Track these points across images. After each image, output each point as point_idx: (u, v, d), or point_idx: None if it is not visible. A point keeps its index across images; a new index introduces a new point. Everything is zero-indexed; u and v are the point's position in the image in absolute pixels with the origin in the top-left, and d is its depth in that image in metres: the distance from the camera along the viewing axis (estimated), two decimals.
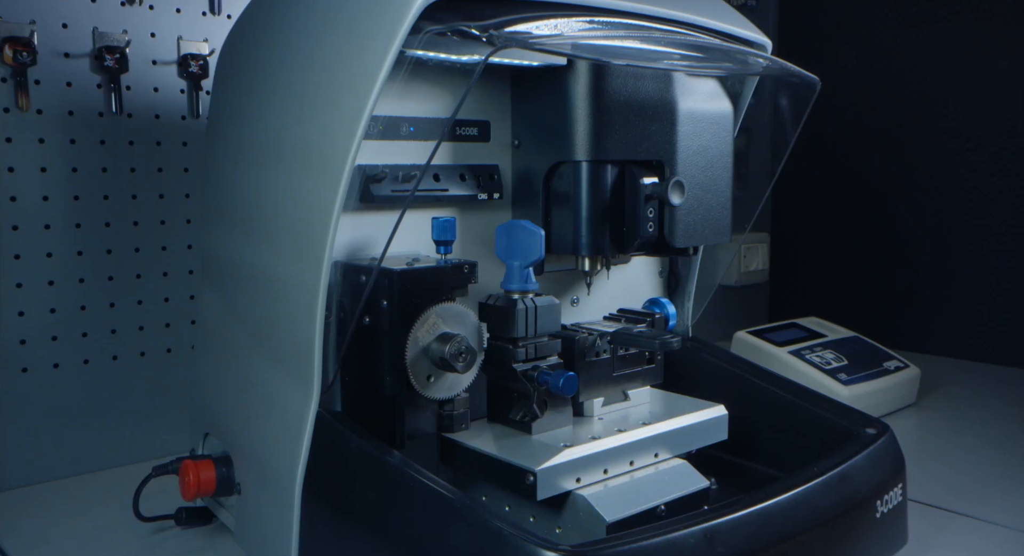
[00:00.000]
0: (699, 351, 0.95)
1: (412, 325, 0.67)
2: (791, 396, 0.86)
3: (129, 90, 1.01)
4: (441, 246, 0.72)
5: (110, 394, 1.02)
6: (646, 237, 0.77)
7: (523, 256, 0.72)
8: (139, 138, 1.02)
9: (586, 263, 0.80)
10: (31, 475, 0.97)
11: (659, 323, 0.80)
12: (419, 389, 0.68)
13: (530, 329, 0.72)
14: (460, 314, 0.70)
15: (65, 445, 0.99)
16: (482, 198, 0.79)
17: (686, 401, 0.78)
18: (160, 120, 1.04)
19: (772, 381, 0.88)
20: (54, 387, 0.98)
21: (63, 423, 0.99)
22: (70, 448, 0.99)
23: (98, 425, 1.01)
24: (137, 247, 1.03)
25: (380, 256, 0.62)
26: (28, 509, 0.86)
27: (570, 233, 0.78)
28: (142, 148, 1.03)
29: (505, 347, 0.72)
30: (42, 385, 0.97)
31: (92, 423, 1.01)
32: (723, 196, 0.83)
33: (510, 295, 0.73)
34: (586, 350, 0.76)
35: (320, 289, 0.65)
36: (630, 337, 0.75)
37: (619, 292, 0.92)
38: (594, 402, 0.73)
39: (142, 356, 1.04)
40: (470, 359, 0.68)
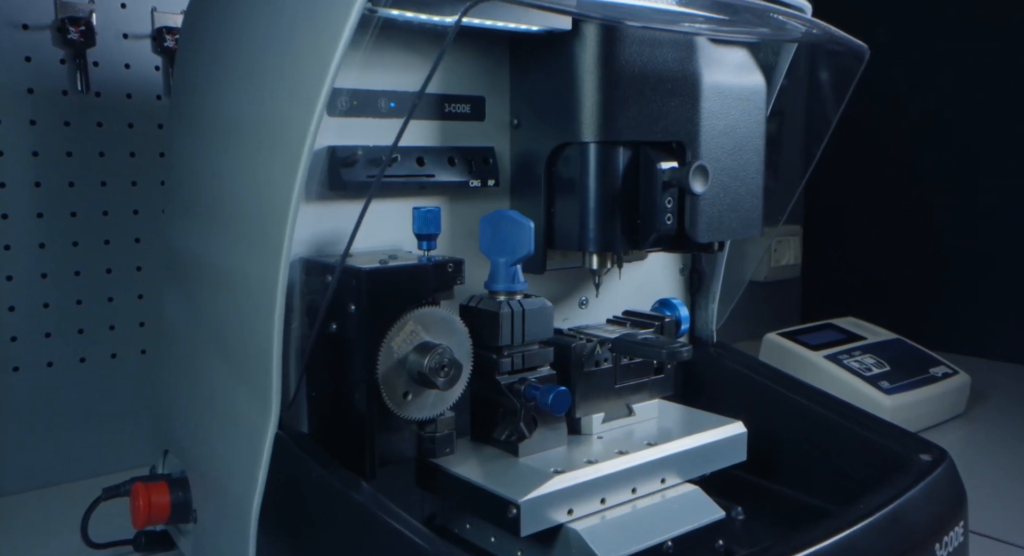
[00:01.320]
0: (723, 358, 0.84)
1: (385, 333, 0.57)
2: (830, 412, 0.76)
3: (97, 66, 0.92)
4: (423, 241, 0.62)
5: (77, 400, 0.93)
6: (664, 231, 0.67)
7: (510, 252, 0.62)
8: (109, 119, 0.93)
9: (594, 260, 0.70)
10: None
11: (669, 328, 0.70)
12: (394, 408, 0.58)
13: (517, 336, 0.62)
14: (444, 321, 0.60)
15: (25, 455, 0.90)
16: (474, 185, 0.68)
17: (700, 416, 0.70)
18: (132, 100, 0.95)
19: (807, 394, 0.78)
20: (14, 392, 0.89)
21: (23, 430, 0.90)
22: (30, 458, 0.91)
23: (63, 434, 0.93)
24: (107, 239, 0.94)
25: (344, 252, 0.52)
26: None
27: (576, 226, 0.67)
28: (112, 130, 0.94)
29: (488, 356, 0.62)
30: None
31: (56, 431, 0.92)
32: (753, 183, 0.72)
33: (495, 297, 0.63)
34: (583, 359, 0.65)
35: (278, 289, 0.56)
36: (633, 345, 0.65)
37: (633, 292, 0.81)
38: (592, 418, 0.66)
39: (113, 358, 0.95)
40: (454, 374, 0.58)
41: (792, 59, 0.77)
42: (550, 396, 0.60)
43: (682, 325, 0.77)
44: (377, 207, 0.65)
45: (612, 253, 0.70)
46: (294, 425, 0.62)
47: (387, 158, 0.56)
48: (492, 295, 0.64)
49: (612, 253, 0.70)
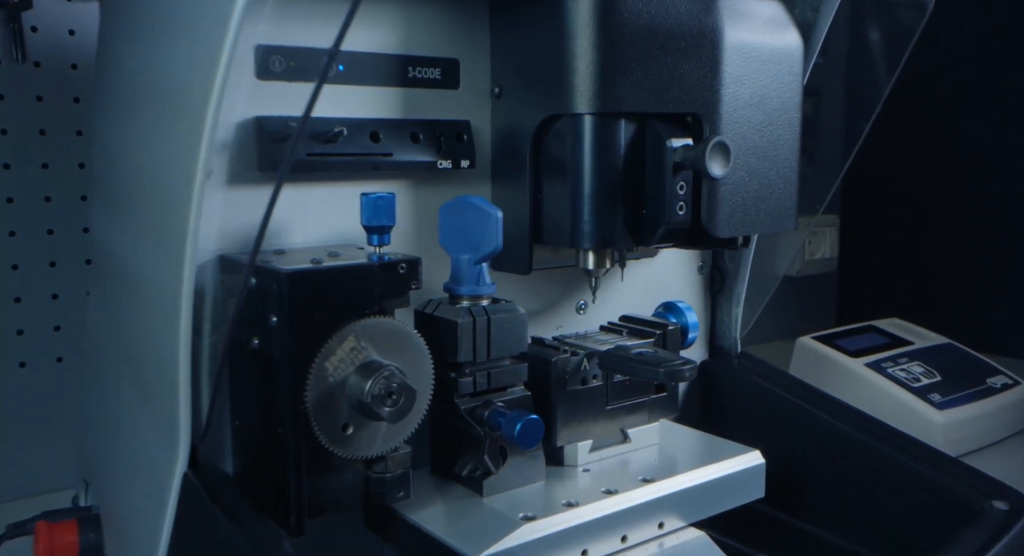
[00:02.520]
0: (748, 373, 0.72)
1: (317, 351, 0.45)
2: (876, 441, 0.63)
3: (35, 32, 0.81)
4: (373, 234, 0.50)
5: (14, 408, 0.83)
6: (675, 223, 0.55)
7: (473, 247, 0.51)
8: (50, 93, 0.82)
9: (590, 259, 0.58)
10: None
11: (673, 337, 0.61)
12: (329, 444, 0.46)
13: (480, 350, 0.51)
14: (395, 334, 0.48)
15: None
16: (444, 167, 0.56)
17: (710, 443, 0.62)
18: (78, 71, 0.84)
19: (848, 418, 0.66)
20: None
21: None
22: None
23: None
24: (50, 228, 0.83)
25: (253, 247, 0.40)
26: None
27: (568, 217, 0.55)
28: (54, 105, 0.82)
29: (446, 375, 0.51)
30: None
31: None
32: (786, 165, 0.59)
33: (456, 302, 0.51)
34: (566, 375, 0.55)
35: (182, 293, 0.44)
36: (624, 361, 0.54)
37: (641, 294, 0.69)
38: (577, 447, 0.57)
39: (59, 362, 0.85)
40: (404, 402, 0.47)
41: (835, 13, 0.63)
42: (516, 426, 0.49)
43: (689, 333, 0.65)
44: (325, 193, 0.53)
45: (612, 250, 0.58)
46: (216, 463, 0.50)
47: (297, 132, 0.44)
48: (453, 300, 0.52)
49: (612, 250, 0.58)
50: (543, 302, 0.64)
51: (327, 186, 0.53)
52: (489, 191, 0.61)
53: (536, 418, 0.50)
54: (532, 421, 0.49)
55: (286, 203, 0.52)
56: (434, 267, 0.54)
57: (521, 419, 0.49)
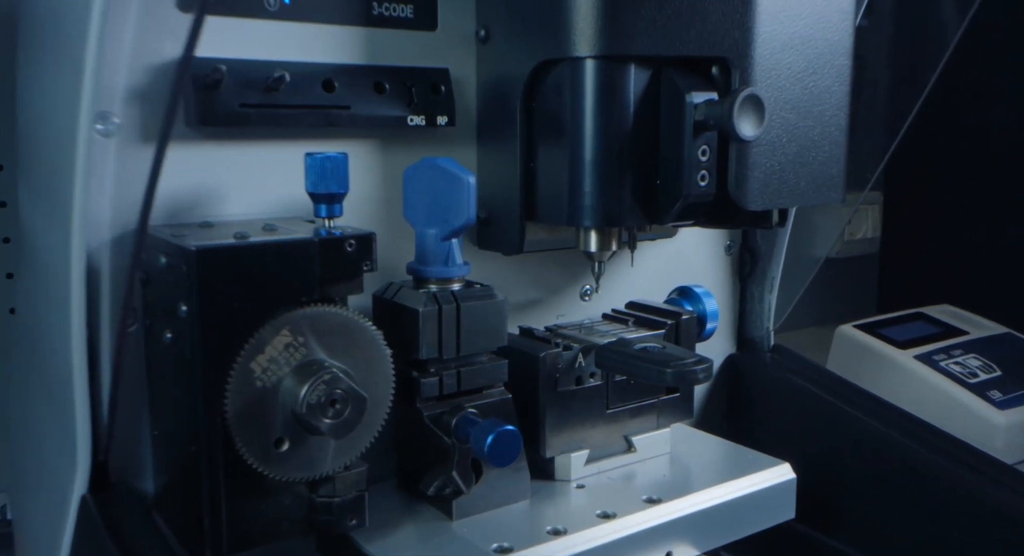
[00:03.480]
0: (782, 369, 0.62)
1: (240, 348, 0.36)
2: (930, 451, 0.54)
3: None
4: (321, 204, 0.41)
5: None
6: (696, 196, 0.45)
7: (441, 220, 0.42)
8: None
9: (592, 240, 0.48)
10: None
11: (687, 328, 0.53)
12: (257, 463, 0.37)
13: (448, 344, 0.43)
14: (344, 327, 0.39)
15: None
16: (416, 123, 0.47)
17: (731, 454, 0.55)
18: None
19: (898, 423, 0.58)
20: None
21: None
22: None
23: None
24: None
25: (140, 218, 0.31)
26: None
27: (565, 189, 0.45)
28: None
29: (407, 374, 0.41)
30: None
31: None
32: (832, 123, 0.49)
33: (421, 285, 0.42)
34: (558, 374, 0.46)
35: (72, 275, 0.35)
36: (625, 358, 0.44)
37: (656, 276, 0.59)
38: (571, 459, 0.50)
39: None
40: (351, 413, 0.38)
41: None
42: (486, 439, 0.40)
43: (707, 324, 0.55)
44: (267, 154, 0.44)
45: (619, 229, 0.48)
46: (134, 481, 0.42)
47: (181, 68, 0.34)
48: (417, 283, 0.43)
49: (619, 229, 0.48)
50: (541, 287, 0.55)
51: (270, 145, 0.44)
52: (474, 155, 0.51)
53: (511, 430, 0.40)
54: (506, 434, 0.40)
55: (219, 165, 0.43)
56: (408, 247, 0.45)
57: (493, 430, 0.40)
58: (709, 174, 0.46)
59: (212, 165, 0.43)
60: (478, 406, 0.44)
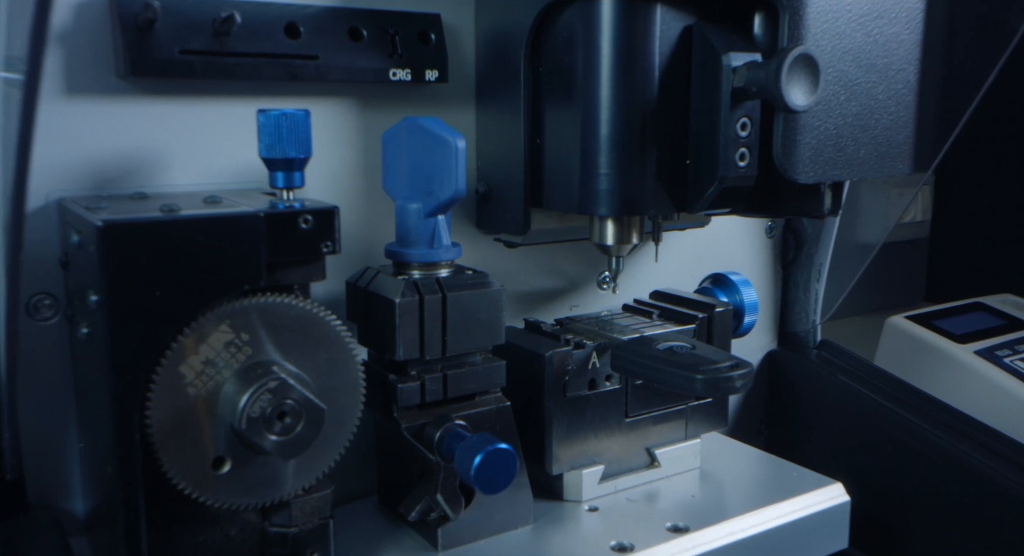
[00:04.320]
0: (830, 369, 0.54)
1: (166, 347, 0.29)
2: (1001, 466, 0.46)
3: None
4: (277, 171, 0.34)
5: None
6: (734, 179, 0.38)
7: (424, 191, 0.35)
8: None
9: (608, 231, 0.41)
10: None
11: (720, 323, 0.46)
12: (189, 487, 0.30)
13: (432, 341, 0.36)
14: (301, 322, 0.32)
15: None
16: (400, 78, 0.39)
17: (773, 470, 0.48)
18: None
19: (966, 432, 0.50)
20: None
21: None
22: None
23: None
24: None
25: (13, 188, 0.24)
26: None
27: (576, 168, 0.38)
28: None
29: (383, 377, 0.34)
30: None
31: None
32: (900, 83, 0.42)
33: (402, 271, 0.36)
34: (567, 376, 0.39)
35: None
36: (646, 361, 0.38)
37: (687, 261, 0.52)
38: (582, 476, 0.43)
39: None
40: (305, 427, 0.30)
41: None
42: (472, 461, 0.32)
43: (745, 317, 0.47)
44: (218, 112, 0.37)
45: (640, 218, 0.40)
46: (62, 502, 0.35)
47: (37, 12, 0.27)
48: (398, 269, 0.36)
49: (640, 218, 0.40)
50: (550, 272, 0.48)
51: (221, 102, 0.37)
52: (472, 117, 0.44)
53: (503, 451, 0.33)
54: (497, 455, 0.33)
55: (158, 125, 0.36)
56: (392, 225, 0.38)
57: (481, 449, 0.33)
58: (750, 153, 0.38)
59: (149, 125, 0.36)
60: (468, 417, 0.37)
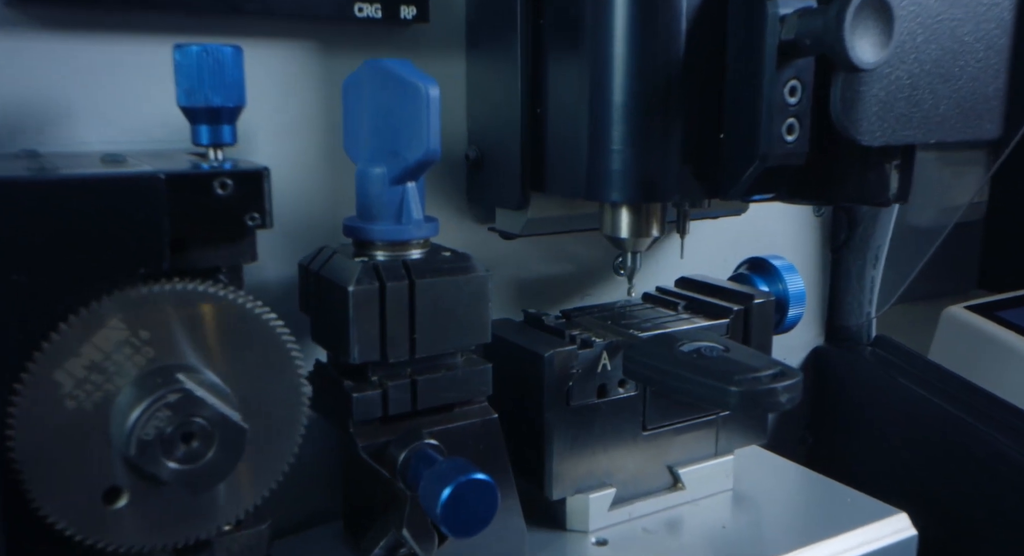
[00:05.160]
0: (890, 370, 0.47)
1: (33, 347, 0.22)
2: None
3: None
4: (200, 124, 0.27)
5: None
6: (780, 156, 0.31)
7: (389, 151, 0.28)
8: None
9: (623, 221, 0.33)
10: None
11: (760, 317, 0.39)
12: (69, 527, 0.23)
13: (396, 339, 0.29)
14: (224, 316, 0.25)
15: None
16: (367, 15, 0.32)
17: (822, 494, 0.40)
18: None
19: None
20: None
21: None
22: None
23: None
24: None
25: None
26: None
27: (583, 142, 0.30)
28: None
29: (336, 383, 0.28)
30: None
31: None
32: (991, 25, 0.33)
33: (363, 251, 0.31)
34: (571, 381, 0.33)
35: None
36: (667, 368, 0.31)
37: (721, 243, 0.44)
38: (588, 501, 0.36)
39: None
40: (219, 453, 0.23)
41: None
42: (440, 497, 0.25)
43: (789, 310, 0.40)
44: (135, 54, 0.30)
45: (661, 206, 0.32)
46: None
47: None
48: (359, 248, 0.29)
49: (661, 206, 0.32)
50: (559, 257, 0.40)
51: (138, 39, 0.30)
52: (462, 66, 0.36)
53: (480, 481, 0.26)
54: (470, 487, 0.26)
55: (58, 68, 0.29)
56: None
57: (451, 480, 0.25)
58: (799, 124, 0.30)
59: (45, 67, 0.29)
60: (444, 433, 0.30)
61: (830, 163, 0.33)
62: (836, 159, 0.33)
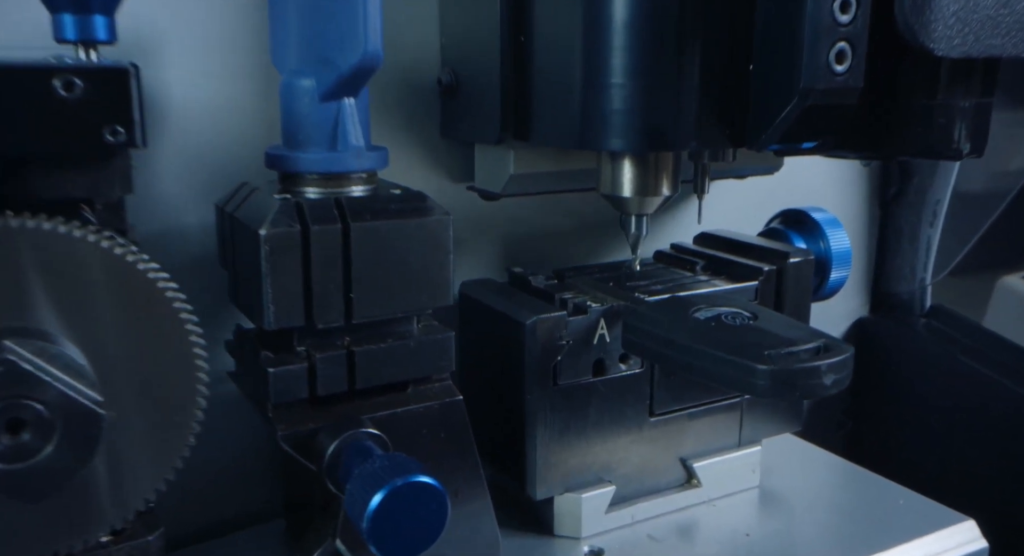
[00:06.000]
0: (947, 343, 0.41)
1: None
2: None
3: None
4: (63, 13, 0.20)
5: None
6: (825, 92, 0.24)
7: (319, 58, 0.24)
8: None
9: (624, 177, 0.28)
10: None
11: (795, 279, 0.32)
12: None
13: (329, 301, 0.23)
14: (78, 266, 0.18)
15: None
16: None
17: (868, 493, 0.33)
18: None
19: None
20: None
21: None
22: None
23: None
24: None
25: None
26: None
27: (576, 76, 0.23)
28: None
29: (255, 355, 0.23)
30: None
31: None
32: None
33: (290, 186, 0.24)
34: (560, 355, 0.27)
35: None
36: (673, 341, 0.26)
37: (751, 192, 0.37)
38: (580, 503, 0.30)
39: None
40: (60, 449, 0.17)
41: None
42: (367, 507, 0.19)
43: (831, 271, 0.33)
44: None
45: (672, 158, 0.26)
46: None
47: None
48: (285, 183, 0.24)
49: (672, 158, 0.26)
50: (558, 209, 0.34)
51: None
52: None
53: (423, 485, 0.20)
54: (409, 492, 0.20)
55: None
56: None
57: (384, 483, 0.19)
58: (853, 49, 0.23)
59: None
60: (390, 420, 0.23)
61: (887, 106, 0.26)
62: (897, 101, 0.26)
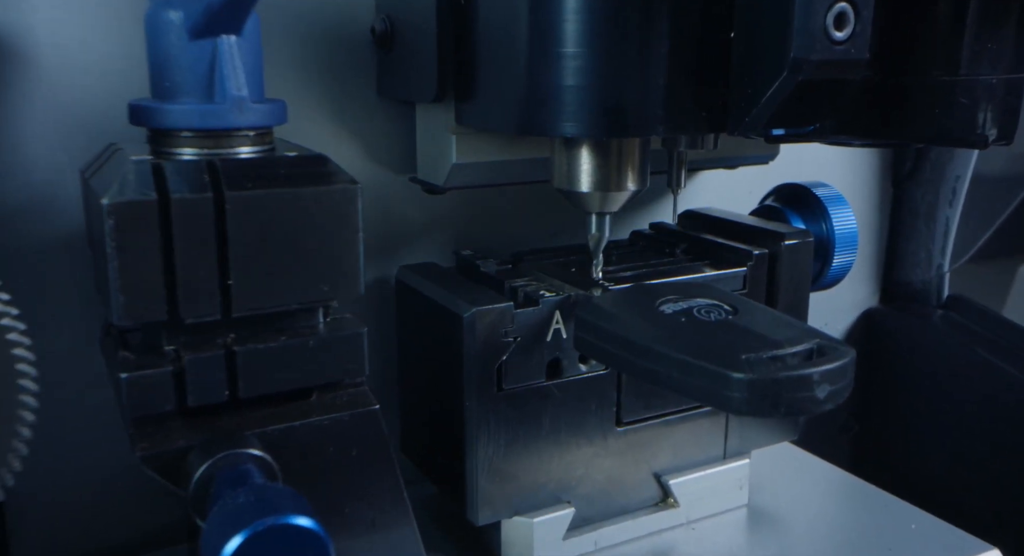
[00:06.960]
0: (966, 337, 0.37)
1: None
2: None
3: None
4: None
5: None
6: (821, 65, 0.20)
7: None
8: None
9: (581, 169, 0.24)
10: None
11: (792, 264, 0.27)
12: None
13: (202, 288, 0.18)
14: None
15: None
16: None
17: (873, 510, 0.29)
18: None
19: None
20: None
21: None
22: None
23: None
24: None
25: None
26: None
27: (522, 45, 0.21)
28: None
29: (110, 356, 0.20)
30: None
31: None
32: None
33: (160, 150, 0.20)
34: (504, 355, 0.23)
35: None
36: (629, 342, 0.21)
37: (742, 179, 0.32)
38: (532, 528, 0.25)
39: None
40: None
41: None
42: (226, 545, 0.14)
43: (834, 256, 0.29)
44: None
45: (640, 145, 0.22)
46: None
47: None
48: (156, 143, 0.20)
49: (640, 145, 0.22)
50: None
51: None
52: None
53: (295, 528, 0.16)
54: (274, 537, 0.15)
55: None
56: None
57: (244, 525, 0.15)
58: (856, 13, 0.19)
59: None
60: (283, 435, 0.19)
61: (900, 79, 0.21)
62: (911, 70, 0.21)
